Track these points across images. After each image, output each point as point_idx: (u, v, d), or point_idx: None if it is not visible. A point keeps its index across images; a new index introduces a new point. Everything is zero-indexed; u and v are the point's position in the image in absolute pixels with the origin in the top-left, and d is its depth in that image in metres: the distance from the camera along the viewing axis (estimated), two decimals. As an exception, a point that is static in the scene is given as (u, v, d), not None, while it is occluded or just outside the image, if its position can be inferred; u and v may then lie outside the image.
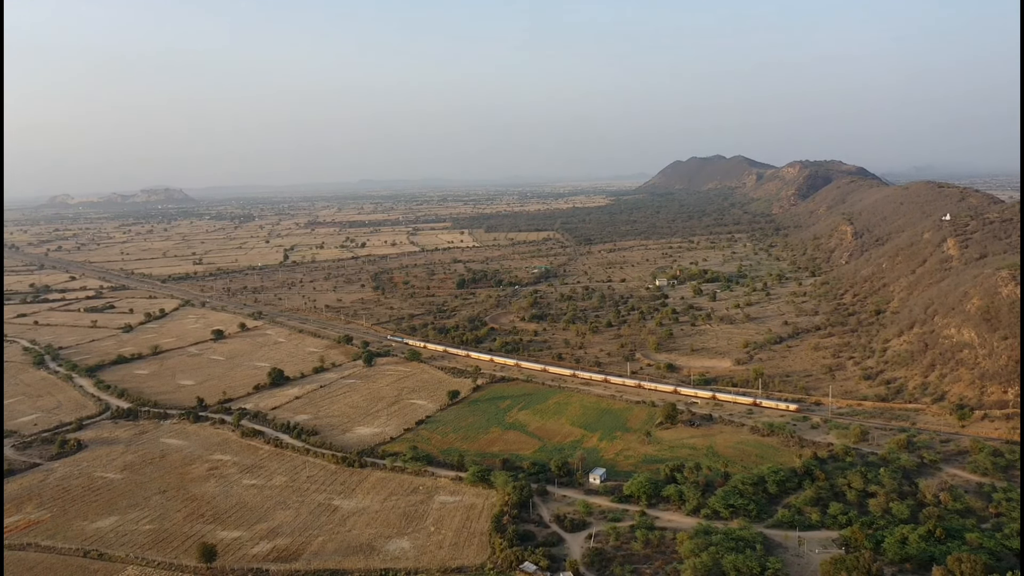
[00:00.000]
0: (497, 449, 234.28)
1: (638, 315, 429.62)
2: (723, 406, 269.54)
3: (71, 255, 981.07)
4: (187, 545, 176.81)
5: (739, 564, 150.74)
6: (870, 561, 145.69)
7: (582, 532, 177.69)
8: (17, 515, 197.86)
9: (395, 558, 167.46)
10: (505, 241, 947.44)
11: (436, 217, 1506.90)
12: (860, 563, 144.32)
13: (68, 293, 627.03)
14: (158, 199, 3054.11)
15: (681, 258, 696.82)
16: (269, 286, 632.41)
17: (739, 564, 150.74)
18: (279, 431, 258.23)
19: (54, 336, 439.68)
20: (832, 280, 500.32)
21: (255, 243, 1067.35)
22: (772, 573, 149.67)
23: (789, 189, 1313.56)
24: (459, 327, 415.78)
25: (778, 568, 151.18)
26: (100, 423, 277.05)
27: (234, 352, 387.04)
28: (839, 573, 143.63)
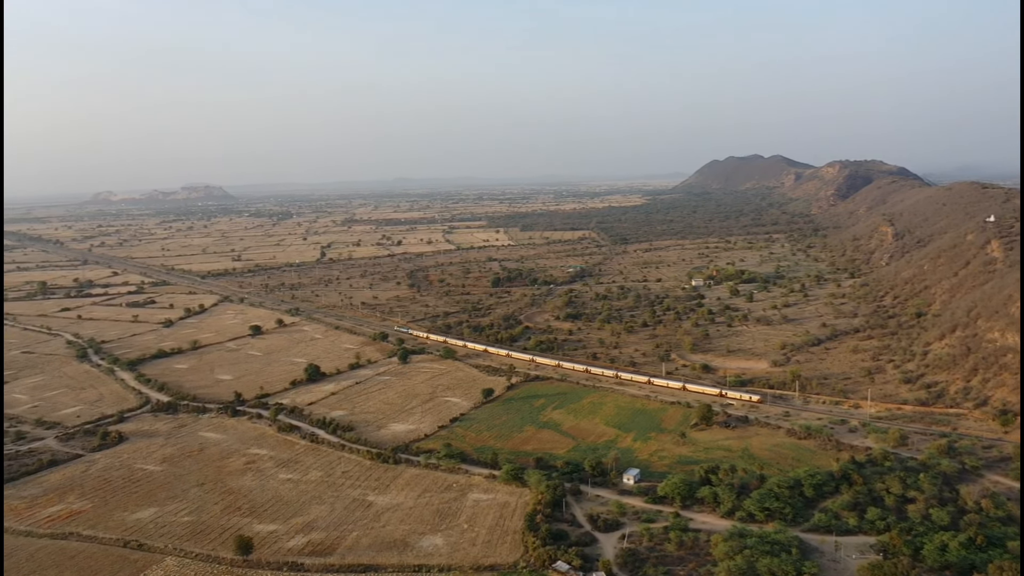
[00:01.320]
0: (531, 448, 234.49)
1: (673, 315, 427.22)
2: (759, 408, 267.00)
3: (113, 251, 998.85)
4: (224, 537, 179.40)
5: (774, 568, 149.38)
6: (908, 567, 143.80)
7: (615, 532, 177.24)
8: (59, 505, 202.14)
9: (428, 555, 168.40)
10: (540, 240, 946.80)
11: (471, 215, 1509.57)
12: (898, 569, 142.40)
13: (110, 288, 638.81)
14: (198, 196, 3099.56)
15: (718, 258, 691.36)
16: (306, 283, 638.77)
17: (774, 568, 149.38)
18: (315, 426, 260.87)
19: (97, 330, 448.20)
20: (872, 282, 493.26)
21: (293, 240, 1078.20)
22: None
23: (828, 189, 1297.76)
24: (494, 325, 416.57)
25: (814, 573, 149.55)
26: (140, 416, 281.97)
27: (271, 348, 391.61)
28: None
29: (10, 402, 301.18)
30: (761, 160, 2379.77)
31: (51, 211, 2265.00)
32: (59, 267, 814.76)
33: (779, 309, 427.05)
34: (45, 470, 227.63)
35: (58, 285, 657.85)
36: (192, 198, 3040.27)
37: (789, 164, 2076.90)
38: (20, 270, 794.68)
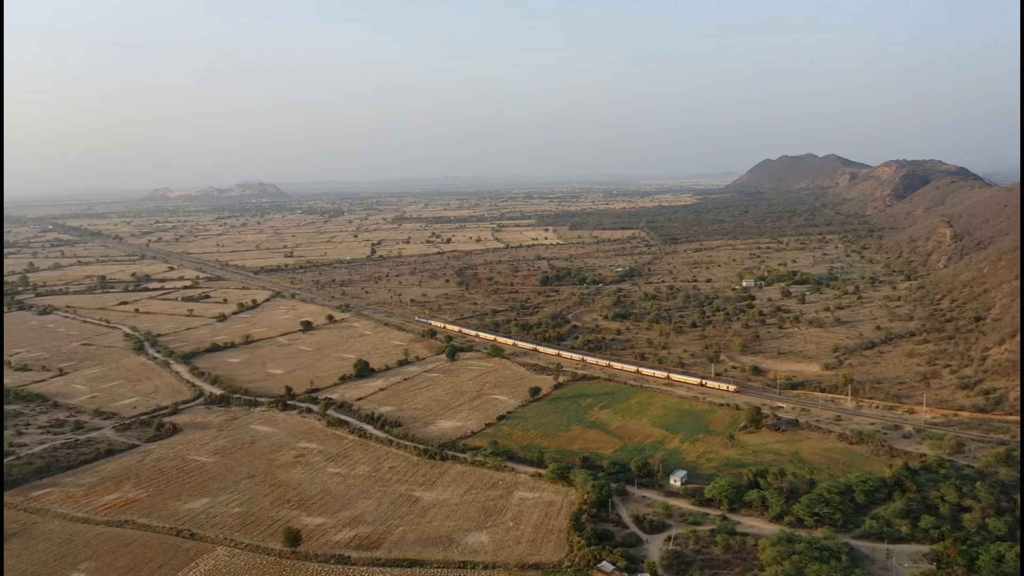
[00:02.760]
0: (577, 447, 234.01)
1: (723, 316, 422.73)
2: (809, 411, 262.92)
3: (170, 246, 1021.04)
4: (273, 529, 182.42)
5: (823, 574, 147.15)
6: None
7: (661, 534, 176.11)
8: (116, 493, 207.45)
9: (473, 551, 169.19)
10: (589, 239, 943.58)
11: (520, 214, 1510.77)
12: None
13: (166, 283, 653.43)
14: (252, 193, 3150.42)
15: (769, 259, 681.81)
16: (356, 279, 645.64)
17: (823, 574, 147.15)
18: (363, 422, 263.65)
19: (153, 323, 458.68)
20: (928, 284, 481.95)
21: (344, 237, 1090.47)
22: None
23: (884, 189, 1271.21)
24: (541, 324, 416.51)
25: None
26: (194, 408, 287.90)
27: (322, 343, 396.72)
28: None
29: (70, 392, 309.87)
30: (815, 159, 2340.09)
31: (111, 207, 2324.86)
32: (118, 262, 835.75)
33: (832, 311, 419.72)
34: (102, 459, 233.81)
35: (117, 279, 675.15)
36: (246, 195, 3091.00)
37: (844, 163, 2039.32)
38: (81, 264, 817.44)
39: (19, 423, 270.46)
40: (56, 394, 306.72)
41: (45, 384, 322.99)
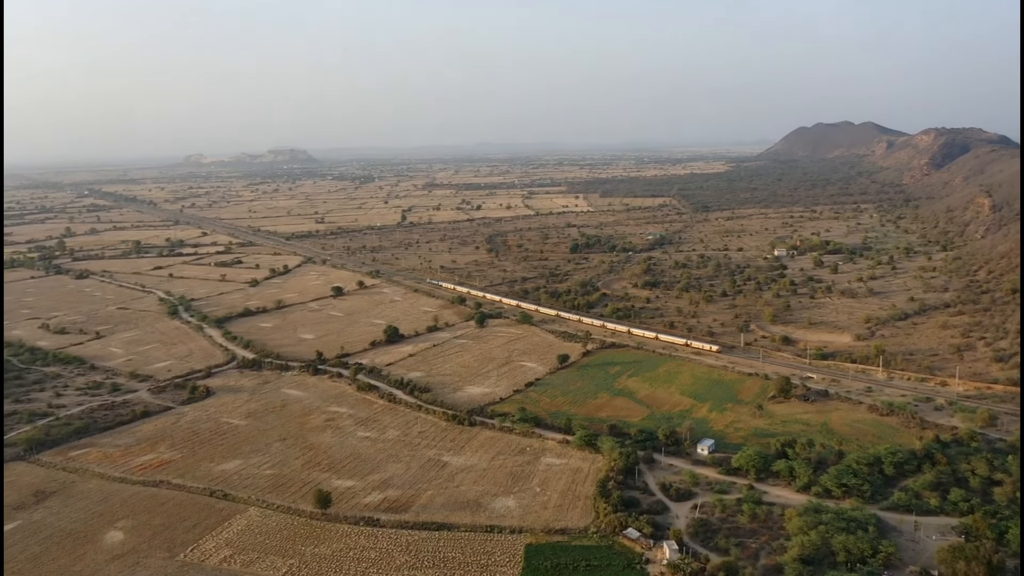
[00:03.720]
0: (605, 415, 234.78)
1: (754, 285, 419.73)
2: (840, 382, 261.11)
3: (203, 212, 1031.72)
4: (304, 491, 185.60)
5: (850, 545, 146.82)
6: (991, 551, 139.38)
7: (687, 502, 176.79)
8: (151, 454, 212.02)
9: (500, 516, 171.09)
10: (620, 206, 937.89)
11: (551, 181, 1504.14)
12: (980, 553, 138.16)
13: (200, 248, 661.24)
14: (284, 159, 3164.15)
15: (802, 228, 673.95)
16: (387, 246, 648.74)
17: (850, 545, 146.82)
18: (393, 387, 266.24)
19: (187, 288, 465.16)
20: (965, 255, 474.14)
21: (374, 203, 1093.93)
22: (885, 556, 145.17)
23: (922, 158, 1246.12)
24: (571, 291, 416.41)
25: (891, 552, 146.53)
26: (227, 372, 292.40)
27: (352, 309, 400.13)
28: (957, 561, 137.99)
29: (106, 355, 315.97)
30: (851, 127, 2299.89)
31: (145, 173, 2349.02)
32: (152, 227, 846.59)
33: (865, 282, 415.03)
34: (138, 420, 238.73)
35: (151, 244, 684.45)
36: (278, 161, 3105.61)
37: (881, 131, 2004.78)
38: (117, 229, 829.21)
39: (58, 385, 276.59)
40: (93, 357, 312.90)
41: (82, 347, 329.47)
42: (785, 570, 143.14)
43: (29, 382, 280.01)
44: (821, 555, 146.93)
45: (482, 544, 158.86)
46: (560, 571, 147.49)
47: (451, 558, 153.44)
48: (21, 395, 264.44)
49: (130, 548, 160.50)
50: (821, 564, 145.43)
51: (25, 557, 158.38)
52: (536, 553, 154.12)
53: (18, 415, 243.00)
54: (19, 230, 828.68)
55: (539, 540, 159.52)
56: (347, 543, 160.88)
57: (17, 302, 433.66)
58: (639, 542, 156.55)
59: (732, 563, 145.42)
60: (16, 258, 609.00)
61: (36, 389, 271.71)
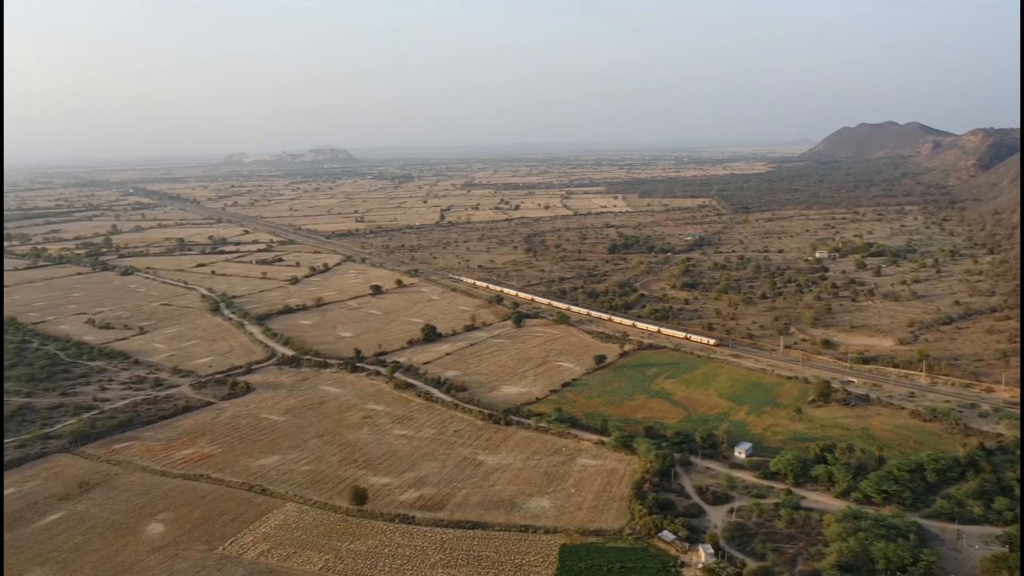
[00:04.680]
0: (641, 416, 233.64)
1: (795, 287, 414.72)
2: (881, 386, 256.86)
3: (245, 210, 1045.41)
4: (341, 487, 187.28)
5: (889, 552, 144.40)
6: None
7: (724, 505, 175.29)
8: (192, 448, 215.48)
9: (535, 516, 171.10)
10: (659, 207, 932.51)
11: (590, 181, 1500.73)
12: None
13: (242, 246, 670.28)
14: (324, 159, 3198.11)
15: (844, 230, 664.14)
16: (425, 245, 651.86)
17: (889, 552, 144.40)
18: (430, 385, 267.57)
19: (228, 285, 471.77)
20: (1013, 259, 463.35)
21: (413, 203, 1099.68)
22: (926, 565, 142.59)
23: (969, 159, 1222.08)
24: (609, 292, 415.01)
25: (932, 560, 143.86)
26: (266, 368, 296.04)
27: (390, 307, 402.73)
28: (1000, 572, 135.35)
29: (150, 350, 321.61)
30: (895, 127, 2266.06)
31: (189, 171, 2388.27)
32: (195, 225, 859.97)
33: (909, 285, 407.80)
34: (180, 415, 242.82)
35: (194, 242, 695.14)
36: (318, 160, 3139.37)
37: (926, 132, 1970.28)
38: (161, 227, 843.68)
39: (103, 379, 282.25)
40: (137, 352, 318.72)
41: (127, 342, 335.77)
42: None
43: (75, 376, 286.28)
44: (860, 562, 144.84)
45: (516, 544, 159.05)
46: (594, 572, 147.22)
47: (485, 557, 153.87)
48: (68, 388, 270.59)
49: (170, 540, 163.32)
50: (860, 571, 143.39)
51: (69, 547, 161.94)
52: (570, 554, 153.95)
53: (64, 408, 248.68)
54: (67, 227, 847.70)
55: (573, 541, 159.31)
56: (382, 540, 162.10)
57: (65, 297, 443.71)
58: (674, 545, 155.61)
59: (768, 568, 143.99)
60: (64, 255, 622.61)
61: (82, 383, 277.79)
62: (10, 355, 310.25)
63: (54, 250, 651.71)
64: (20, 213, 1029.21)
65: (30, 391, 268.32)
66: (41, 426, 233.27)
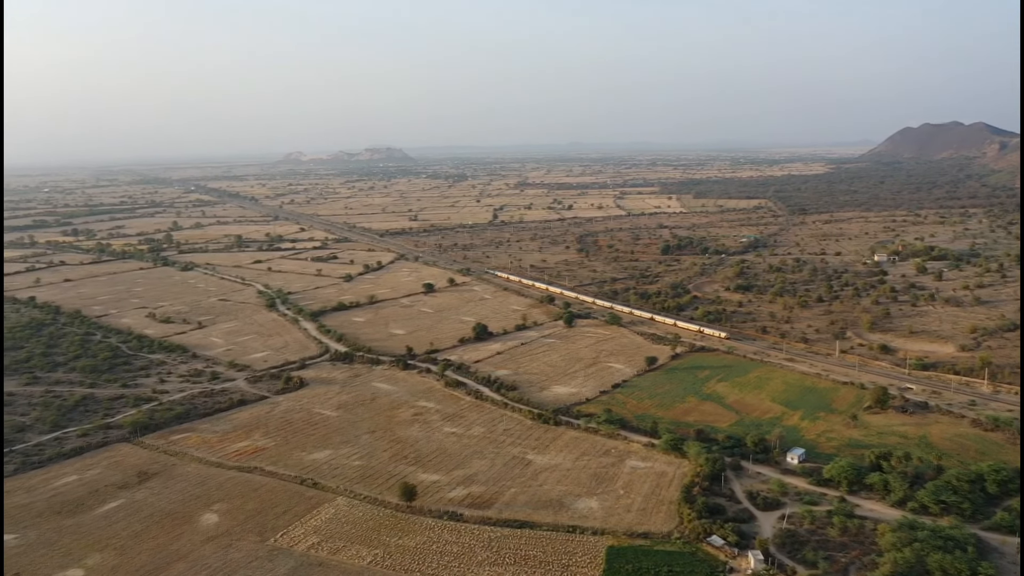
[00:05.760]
0: (692, 419, 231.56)
1: (852, 291, 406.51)
2: (941, 394, 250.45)
3: (301, 208, 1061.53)
4: (391, 483, 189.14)
5: (946, 564, 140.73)
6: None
7: (775, 512, 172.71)
8: (247, 441, 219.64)
9: (583, 516, 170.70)
10: (714, 208, 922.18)
11: (644, 181, 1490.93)
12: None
13: (297, 243, 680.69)
14: (380, 157, 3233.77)
15: (905, 232, 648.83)
16: (478, 244, 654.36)
17: (946, 564, 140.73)
18: (480, 383, 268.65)
19: (284, 282, 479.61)
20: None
21: (467, 202, 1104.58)
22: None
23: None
24: (661, 293, 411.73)
25: (991, 574, 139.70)
26: (320, 364, 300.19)
27: (442, 305, 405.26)
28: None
29: (207, 344, 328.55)
30: (960, 128, 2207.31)
31: (248, 170, 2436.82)
32: (253, 222, 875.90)
33: (971, 290, 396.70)
34: (235, 408, 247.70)
35: (252, 239, 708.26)
36: (374, 159, 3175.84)
37: (993, 132, 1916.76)
38: (220, 224, 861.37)
39: (162, 371, 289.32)
40: (195, 346, 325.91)
41: (186, 336, 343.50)
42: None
43: (136, 368, 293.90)
44: (915, 574, 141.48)
45: (563, 544, 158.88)
46: (641, 574, 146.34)
47: (532, 556, 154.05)
48: (128, 380, 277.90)
49: (224, 531, 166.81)
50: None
51: (127, 534, 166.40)
52: (618, 556, 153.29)
53: (125, 399, 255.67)
54: (130, 223, 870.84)
55: (621, 543, 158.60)
56: (430, 536, 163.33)
57: (127, 292, 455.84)
58: (723, 550, 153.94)
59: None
60: (127, 250, 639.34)
61: (142, 375, 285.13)
62: (74, 346, 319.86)
63: (118, 245, 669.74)
64: (86, 209, 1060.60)
65: (93, 382, 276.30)
66: (103, 416, 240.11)
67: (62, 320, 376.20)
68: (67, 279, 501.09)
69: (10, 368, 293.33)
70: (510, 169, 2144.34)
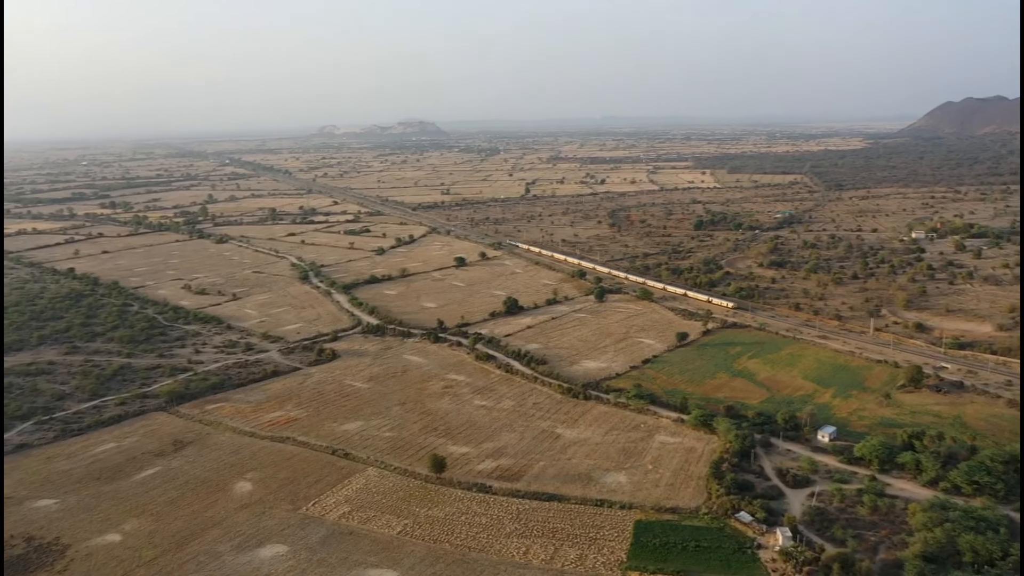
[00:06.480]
0: (722, 395, 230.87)
1: (888, 268, 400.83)
2: (977, 374, 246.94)
3: (334, 181, 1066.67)
4: (420, 455, 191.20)
5: (978, 545, 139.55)
6: None
7: (804, 489, 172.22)
8: (280, 411, 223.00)
9: (611, 491, 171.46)
10: (748, 183, 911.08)
11: (678, 156, 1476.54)
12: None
13: (330, 216, 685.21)
14: (412, 131, 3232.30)
15: (944, 209, 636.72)
16: (510, 218, 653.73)
17: (978, 545, 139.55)
18: (510, 357, 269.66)
19: (317, 254, 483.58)
20: None
21: (499, 176, 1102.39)
22: (1016, 560, 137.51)
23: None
24: (693, 269, 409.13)
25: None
26: (352, 336, 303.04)
27: (473, 279, 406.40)
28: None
29: (241, 316, 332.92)
30: (1004, 102, 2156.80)
31: (282, 143, 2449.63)
32: (287, 195, 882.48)
33: (1011, 268, 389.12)
34: (269, 379, 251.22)
35: (286, 212, 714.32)
36: (407, 133, 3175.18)
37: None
38: (254, 196, 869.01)
39: (197, 342, 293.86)
40: (230, 317, 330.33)
41: (220, 307, 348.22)
42: (905, 566, 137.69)
43: (172, 339, 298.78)
44: (945, 554, 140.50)
45: (591, 517, 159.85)
46: (669, 549, 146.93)
47: (560, 529, 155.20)
48: (165, 350, 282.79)
49: (257, 499, 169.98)
50: (945, 563, 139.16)
51: (163, 500, 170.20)
52: (645, 530, 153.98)
53: (161, 369, 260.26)
54: (166, 196, 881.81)
55: (649, 517, 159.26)
56: (459, 507, 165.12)
57: (163, 263, 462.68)
58: (751, 526, 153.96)
59: (848, 555, 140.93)
60: (163, 222, 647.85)
61: (178, 345, 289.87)
62: (112, 317, 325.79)
63: (154, 218, 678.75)
64: (124, 182, 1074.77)
65: (130, 352, 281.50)
66: (140, 385, 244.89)
67: (100, 291, 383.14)
68: (105, 251, 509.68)
69: (50, 338, 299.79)
70: (543, 143, 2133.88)
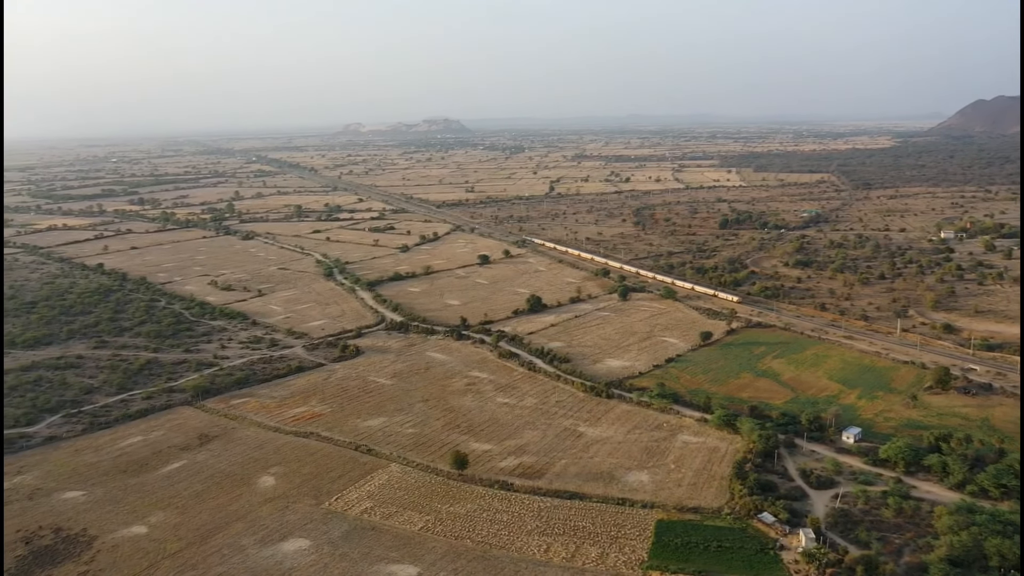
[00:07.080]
0: (746, 395, 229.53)
1: (916, 268, 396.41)
2: (1006, 376, 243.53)
3: (360, 179, 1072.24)
4: (443, 451, 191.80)
5: (1004, 550, 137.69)
6: None
7: (828, 491, 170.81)
8: (303, 407, 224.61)
9: (633, 490, 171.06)
10: (774, 182, 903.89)
11: (703, 154, 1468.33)
12: None
13: (355, 214, 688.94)
14: (437, 129, 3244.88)
15: (974, 209, 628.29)
16: (534, 216, 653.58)
17: (1004, 550, 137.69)
18: (533, 355, 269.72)
19: (342, 251, 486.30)
20: None
21: (523, 174, 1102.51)
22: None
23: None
24: (718, 268, 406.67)
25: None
26: (375, 333, 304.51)
27: (497, 277, 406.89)
28: None
29: (267, 312, 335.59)
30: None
31: (308, 141, 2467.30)
32: (312, 192, 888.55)
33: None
34: (293, 375, 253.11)
35: (311, 209, 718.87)
36: (432, 131, 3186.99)
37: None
38: (280, 194, 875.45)
39: (223, 338, 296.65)
40: (255, 313, 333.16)
41: (246, 303, 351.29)
42: (930, 570, 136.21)
43: (198, 334, 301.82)
44: (971, 558, 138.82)
45: (613, 516, 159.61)
46: (690, 549, 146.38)
47: (581, 527, 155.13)
48: (191, 345, 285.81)
49: (281, 493, 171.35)
50: (971, 567, 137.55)
51: (188, 494, 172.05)
52: (667, 529, 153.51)
53: (187, 364, 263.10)
54: (194, 193, 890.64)
55: (671, 517, 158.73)
56: (481, 504, 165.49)
57: (190, 260, 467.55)
58: (774, 527, 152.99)
59: (872, 557, 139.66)
60: (191, 219, 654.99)
61: (204, 341, 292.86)
62: (140, 312, 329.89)
63: (182, 214, 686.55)
64: (152, 179, 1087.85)
65: (157, 347, 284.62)
66: (166, 380, 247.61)
67: (128, 286, 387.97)
68: (133, 247, 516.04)
69: (79, 332, 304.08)
70: (568, 141, 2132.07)
